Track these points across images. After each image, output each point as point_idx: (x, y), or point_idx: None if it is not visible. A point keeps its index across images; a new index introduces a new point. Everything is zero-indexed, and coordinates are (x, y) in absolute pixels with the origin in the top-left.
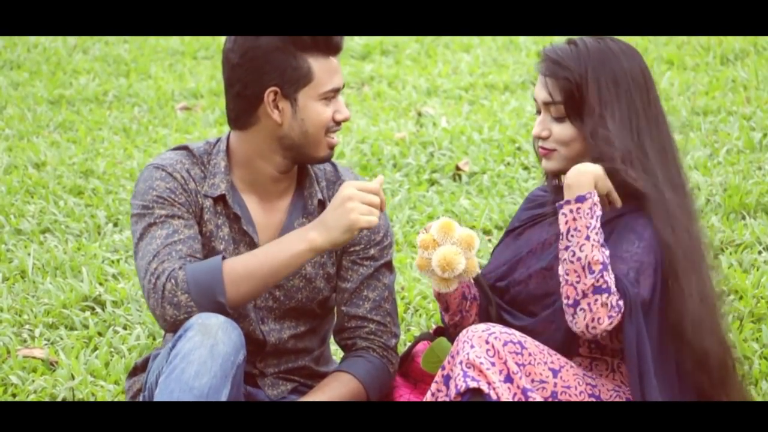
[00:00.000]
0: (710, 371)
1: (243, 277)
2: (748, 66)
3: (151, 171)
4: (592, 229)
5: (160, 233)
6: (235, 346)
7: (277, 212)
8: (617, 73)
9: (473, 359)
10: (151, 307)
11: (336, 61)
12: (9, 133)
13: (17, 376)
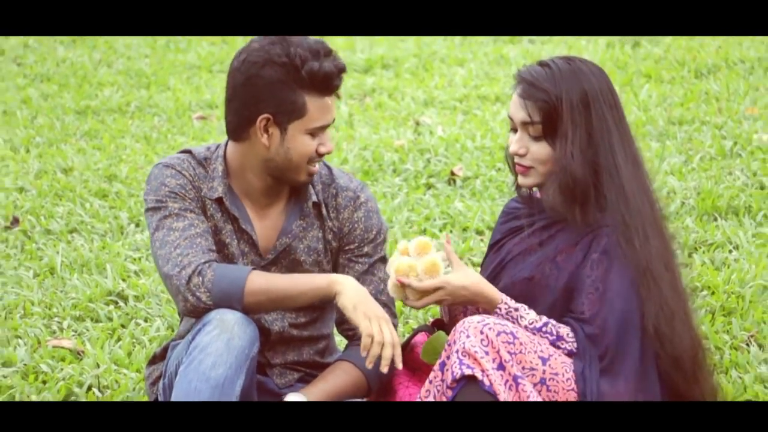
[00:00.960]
0: (685, 370)
1: (262, 293)
2: (720, 79)
3: (161, 169)
4: (529, 328)
5: (177, 225)
6: (250, 339)
7: (275, 215)
8: (589, 92)
9: (468, 348)
10: (172, 292)
11: (330, 101)
12: (39, 140)
13: (47, 364)
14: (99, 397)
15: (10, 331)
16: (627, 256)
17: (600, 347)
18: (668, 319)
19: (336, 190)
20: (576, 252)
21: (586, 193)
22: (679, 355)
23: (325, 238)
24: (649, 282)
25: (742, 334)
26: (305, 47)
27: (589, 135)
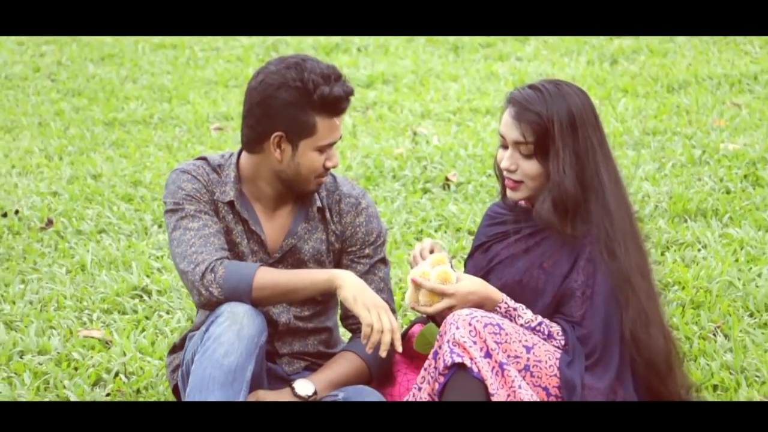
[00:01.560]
0: (659, 372)
1: (268, 287)
2: (690, 94)
3: (178, 174)
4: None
5: (192, 225)
6: (258, 329)
7: (282, 217)
8: (576, 115)
9: (458, 338)
10: (188, 286)
11: (338, 121)
12: (71, 149)
13: (78, 352)
14: (125, 382)
15: (45, 322)
16: (609, 267)
17: (588, 347)
18: (645, 326)
19: (339, 196)
20: (562, 259)
21: (576, 207)
22: (654, 358)
23: (329, 240)
24: (628, 291)
25: (709, 325)
26: (318, 72)
27: (576, 154)
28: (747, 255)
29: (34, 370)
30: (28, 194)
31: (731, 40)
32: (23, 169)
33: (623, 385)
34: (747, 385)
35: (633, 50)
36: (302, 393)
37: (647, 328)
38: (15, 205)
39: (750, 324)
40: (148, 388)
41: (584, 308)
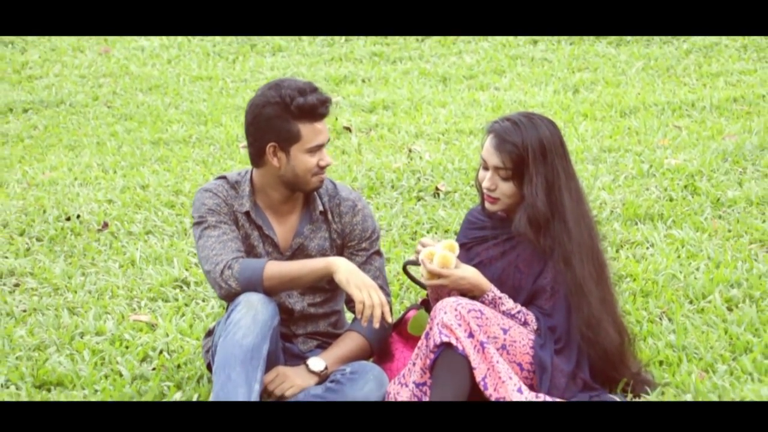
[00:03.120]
0: (611, 361)
1: (276, 277)
2: (639, 118)
3: (201, 193)
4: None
5: (213, 233)
6: (271, 314)
7: (290, 221)
8: (545, 145)
9: (446, 321)
10: (211, 282)
11: (320, 125)
12: (124, 164)
13: (129, 334)
14: (168, 358)
15: (101, 308)
16: (564, 275)
17: (555, 335)
18: (594, 327)
19: (339, 200)
20: (534, 261)
21: (547, 222)
22: (603, 351)
23: (331, 238)
24: (579, 296)
25: (656, 310)
26: (293, 87)
27: (546, 179)
28: (687, 252)
29: (93, 348)
30: (87, 202)
31: (672, 74)
32: (84, 180)
33: (582, 370)
34: (687, 361)
35: (591, 81)
36: (315, 369)
37: (597, 329)
38: (77, 210)
39: (690, 310)
40: (186, 363)
41: (552, 302)
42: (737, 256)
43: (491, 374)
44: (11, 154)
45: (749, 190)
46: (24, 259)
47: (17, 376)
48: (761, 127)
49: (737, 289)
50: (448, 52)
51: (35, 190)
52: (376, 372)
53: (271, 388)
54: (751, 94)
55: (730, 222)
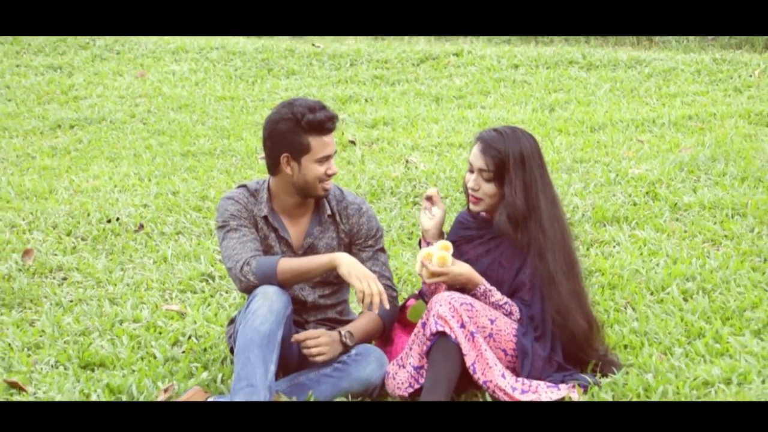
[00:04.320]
0: (579, 344)
1: (288, 271)
2: (607, 133)
3: (225, 200)
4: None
5: (234, 235)
6: (285, 304)
7: (302, 223)
8: (524, 153)
9: (441, 313)
10: (232, 278)
11: (328, 138)
12: (157, 173)
13: (162, 321)
14: (196, 342)
15: (138, 299)
16: (538, 268)
17: (534, 324)
18: (563, 314)
19: (346, 204)
20: (515, 258)
21: (524, 220)
22: (572, 335)
23: (339, 237)
24: (551, 287)
25: (621, 300)
26: (304, 105)
27: (524, 183)
28: (648, 250)
29: (130, 334)
30: (125, 206)
31: (636, 94)
32: (122, 187)
33: (556, 353)
34: (648, 345)
35: (565, 101)
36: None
37: (566, 316)
38: (116, 214)
39: (651, 300)
40: (212, 347)
41: (531, 294)
42: (692, 254)
43: (479, 360)
44: (59, 165)
45: (702, 196)
46: (71, 256)
47: (65, 357)
48: (713, 141)
49: (692, 283)
50: (440, 75)
51: (80, 196)
52: (377, 354)
53: (305, 346)
54: (704, 112)
55: (686, 224)
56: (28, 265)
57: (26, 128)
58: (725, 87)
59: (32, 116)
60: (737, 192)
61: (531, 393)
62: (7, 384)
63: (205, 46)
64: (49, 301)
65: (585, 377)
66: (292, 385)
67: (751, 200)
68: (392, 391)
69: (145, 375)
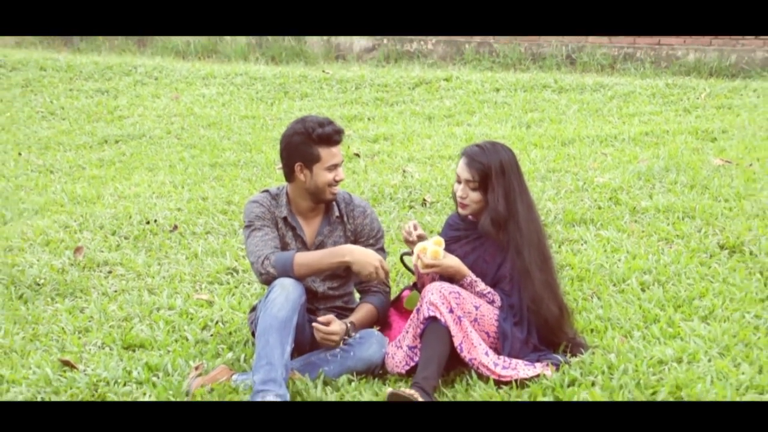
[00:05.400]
0: (551, 328)
1: (303, 265)
2: (576, 147)
3: (250, 203)
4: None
5: (258, 234)
6: (299, 294)
7: (315, 224)
8: (504, 165)
9: (433, 300)
10: (254, 271)
11: (336, 149)
12: (189, 181)
13: (193, 308)
14: (222, 327)
15: (173, 289)
16: (515, 262)
17: (513, 311)
18: (537, 302)
19: (353, 207)
20: (497, 255)
21: (506, 223)
22: (545, 320)
23: (346, 236)
24: (527, 279)
25: (588, 291)
26: (315, 121)
27: (504, 190)
28: (611, 248)
29: (166, 320)
30: (162, 209)
31: (600, 114)
32: (159, 193)
33: (533, 336)
34: (611, 329)
35: (540, 119)
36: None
37: (539, 304)
38: (154, 216)
39: (613, 290)
40: (236, 331)
41: (510, 286)
42: (648, 251)
43: (466, 341)
44: (106, 174)
45: (657, 201)
46: (115, 252)
47: (110, 340)
48: (666, 154)
49: (649, 275)
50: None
51: (123, 201)
52: (378, 337)
53: (323, 330)
54: (659, 129)
55: (644, 225)
56: (78, 260)
57: (78, 143)
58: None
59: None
60: (687, 198)
61: (510, 369)
62: (60, 362)
63: (230, 72)
64: (96, 291)
65: (557, 357)
66: (305, 364)
67: (698, 204)
68: (391, 369)
69: (178, 355)
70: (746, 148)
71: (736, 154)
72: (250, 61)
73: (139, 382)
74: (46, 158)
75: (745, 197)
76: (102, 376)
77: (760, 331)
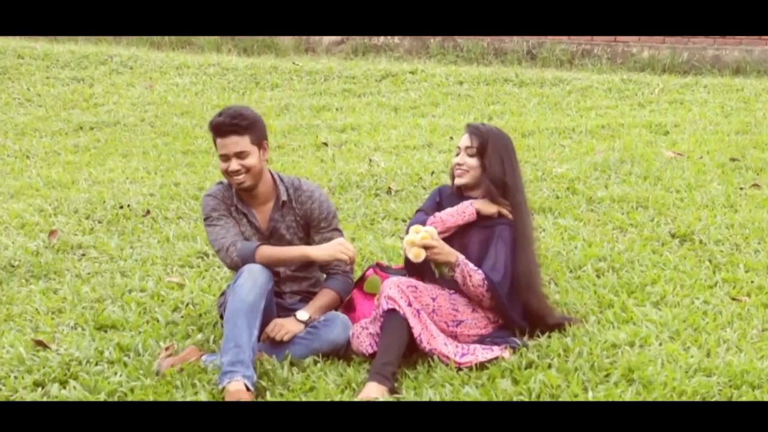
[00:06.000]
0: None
1: (265, 257)
2: (536, 138)
3: (205, 198)
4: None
5: (219, 224)
6: (267, 279)
7: (266, 210)
8: (500, 137)
9: (391, 294)
10: (221, 258)
11: (225, 140)
12: (162, 168)
13: (164, 291)
14: (192, 309)
15: (144, 272)
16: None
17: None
18: (530, 274)
19: (300, 192)
20: (484, 232)
21: (504, 186)
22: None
23: (296, 220)
24: (527, 252)
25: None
26: (218, 112)
27: (500, 156)
28: (569, 235)
29: (138, 301)
30: (135, 195)
31: (559, 107)
32: (133, 179)
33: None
34: (568, 313)
35: (501, 112)
36: (302, 318)
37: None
38: (128, 201)
39: (570, 277)
40: (206, 313)
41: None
42: (604, 239)
43: (425, 332)
44: (80, 160)
45: (612, 191)
46: (89, 236)
47: (83, 320)
48: (621, 146)
49: (603, 262)
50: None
51: (98, 186)
52: (342, 319)
53: (272, 335)
54: (614, 122)
55: (599, 214)
56: (53, 243)
57: (53, 129)
58: (631, 102)
59: (59, 120)
60: (640, 188)
61: (470, 355)
62: (34, 342)
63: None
64: (70, 273)
65: (515, 340)
66: (273, 346)
67: (651, 195)
68: (356, 348)
69: (149, 336)
70: (697, 141)
71: (687, 147)
72: (222, 52)
73: (110, 362)
74: (22, 144)
75: (696, 188)
76: (74, 355)
77: (709, 316)
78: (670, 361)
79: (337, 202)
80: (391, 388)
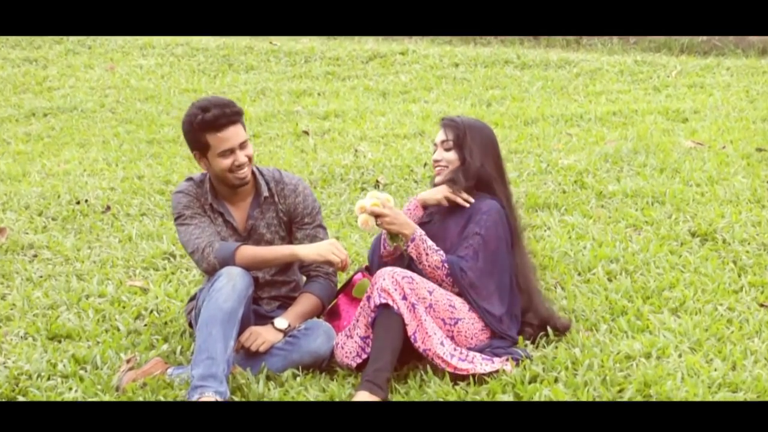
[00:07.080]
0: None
1: (246, 259)
2: (539, 127)
3: (176, 194)
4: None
5: (192, 223)
6: (247, 285)
7: (243, 208)
8: (480, 130)
9: (384, 286)
10: (195, 261)
11: (226, 133)
12: (124, 159)
13: (126, 296)
14: (157, 317)
15: (104, 275)
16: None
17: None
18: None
19: (283, 185)
20: (461, 221)
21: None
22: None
23: (279, 216)
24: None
25: (551, 280)
26: (198, 106)
27: (479, 148)
28: (576, 234)
29: (96, 308)
30: (94, 189)
31: (565, 92)
32: (91, 171)
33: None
34: (576, 321)
35: (501, 97)
36: (280, 327)
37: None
38: (85, 196)
39: (578, 280)
40: (172, 321)
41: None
42: (615, 238)
43: (420, 329)
44: (33, 150)
45: (625, 185)
46: (41, 234)
47: (34, 329)
48: (634, 135)
49: (616, 264)
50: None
51: (52, 179)
52: (325, 328)
53: (247, 345)
54: (627, 109)
55: (610, 210)
56: (1, 243)
57: (2, 116)
58: (646, 86)
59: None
60: (656, 182)
61: (467, 362)
62: None
63: (170, 42)
64: (20, 276)
65: (518, 351)
66: (247, 357)
67: (668, 189)
68: (341, 360)
69: (109, 346)
70: (719, 129)
71: (708, 136)
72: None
73: (64, 376)
74: None
75: (718, 182)
76: (24, 368)
77: (734, 324)
78: (691, 374)
79: (319, 197)
80: (384, 398)
